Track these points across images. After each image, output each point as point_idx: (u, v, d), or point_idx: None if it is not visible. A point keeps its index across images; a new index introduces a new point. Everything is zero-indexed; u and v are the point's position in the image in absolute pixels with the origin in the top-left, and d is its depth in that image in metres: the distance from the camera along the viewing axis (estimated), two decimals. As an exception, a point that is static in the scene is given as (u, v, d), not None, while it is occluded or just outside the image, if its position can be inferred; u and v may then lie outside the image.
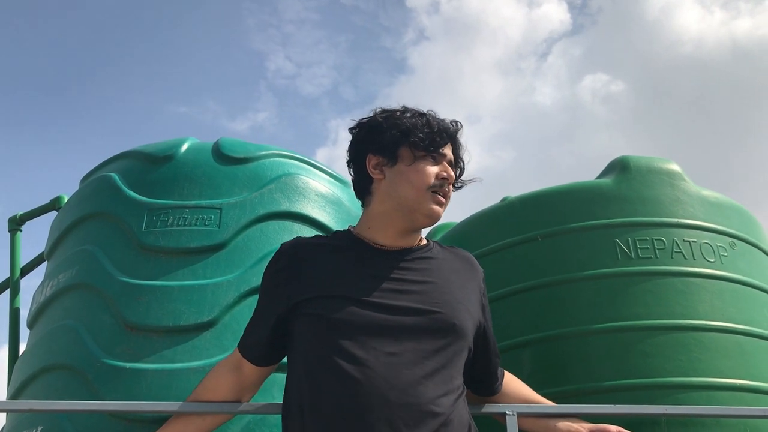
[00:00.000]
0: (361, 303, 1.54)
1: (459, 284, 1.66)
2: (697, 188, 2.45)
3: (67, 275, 2.38)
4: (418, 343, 1.52)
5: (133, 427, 1.96)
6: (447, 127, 1.71)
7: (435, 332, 1.54)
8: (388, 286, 1.58)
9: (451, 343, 1.56)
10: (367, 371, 1.46)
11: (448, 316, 1.56)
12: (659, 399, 1.99)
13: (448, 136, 1.70)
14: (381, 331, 1.51)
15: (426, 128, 1.66)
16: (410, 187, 1.64)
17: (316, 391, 1.50)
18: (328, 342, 1.52)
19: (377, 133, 1.68)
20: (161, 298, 2.17)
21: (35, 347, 2.35)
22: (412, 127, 1.66)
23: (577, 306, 2.23)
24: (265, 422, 2.00)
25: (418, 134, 1.65)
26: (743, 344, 2.14)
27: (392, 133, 1.67)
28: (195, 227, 2.32)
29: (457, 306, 1.60)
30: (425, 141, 1.65)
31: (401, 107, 1.72)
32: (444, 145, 1.68)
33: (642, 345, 2.10)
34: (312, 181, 2.57)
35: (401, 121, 1.67)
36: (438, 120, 1.71)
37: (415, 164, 1.65)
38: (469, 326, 1.61)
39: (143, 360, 2.08)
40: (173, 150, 2.54)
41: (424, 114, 1.71)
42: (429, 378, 1.49)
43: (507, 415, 1.79)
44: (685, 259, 2.26)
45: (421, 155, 1.65)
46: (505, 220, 2.53)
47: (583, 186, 2.46)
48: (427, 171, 1.65)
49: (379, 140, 1.68)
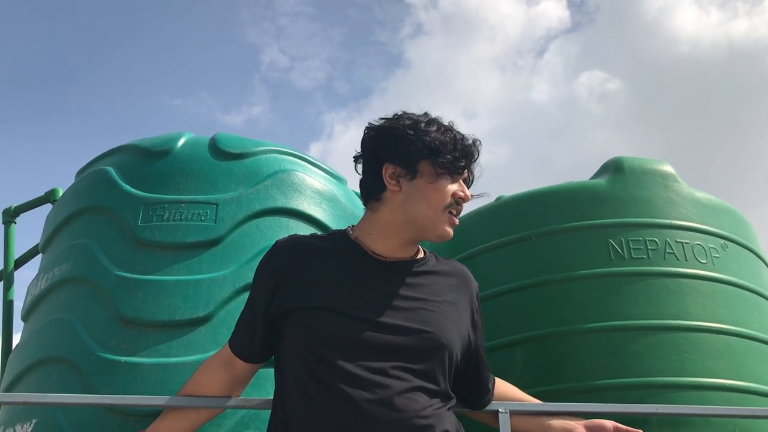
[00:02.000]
0: (353, 318, 1.54)
1: (451, 300, 1.66)
2: (690, 190, 2.47)
3: (63, 269, 2.38)
4: (405, 362, 1.52)
5: (127, 420, 1.97)
6: (470, 148, 1.68)
7: (423, 351, 1.55)
8: (381, 300, 1.57)
9: (440, 362, 1.57)
10: (354, 386, 1.47)
11: (437, 335, 1.56)
12: (650, 398, 2.01)
13: (471, 157, 1.68)
14: (370, 347, 1.52)
15: (452, 148, 1.63)
16: (428, 206, 1.62)
17: (304, 404, 1.51)
18: (316, 354, 1.52)
19: (401, 144, 1.62)
20: (157, 293, 2.18)
21: (30, 340, 2.35)
22: (440, 145, 1.62)
23: (570, 305, 2.24)
24: (259, 417, 2.01)
25: (445, 155, 1.62)
26: (733, 345, 2.16)
27: (417, 147, 1.61)
28: (191, 222, 2.32)
29: (447, 325, 1.60)
30: (451, 162, 1.62)
31: (424, 116, 1.68)
32: (467, 166, 1.67)
33: (633, 345, 2.12)
34: (308, 177, 2.58)
35: (428, 137, 1.62)
36: (463, 140, 1.67)
37: (436, 183, 1.62)
38: (457, 344, 1.61)
39: (138, 354, 2.08)
40: (170, 144, 2.54)
41: (451, 130, 1.67)
42: (415, 393, 1.50)
43: (500, 413, 1.81)
44: (677, 260, 2.28)
45: (441, 173, 1.62)
46: (499, 219, 2.54)
47: (577, 186, 2.48)
48: (446, 190, 1.63)
49: (403, 152, 1.62)
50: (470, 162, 1.68)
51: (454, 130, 1.67)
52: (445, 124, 1.68)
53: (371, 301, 1.57)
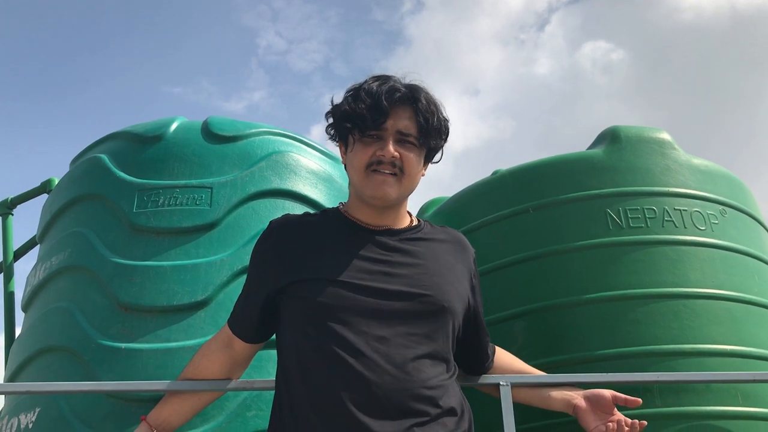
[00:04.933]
0: (351, 287, 1.53)
1: (449, 266, 1.66)
2: (687, 156, 2.45)
3: (60, 258, 2.38)
4: (408, 327, 1.52)
5: (129, 406, 1.98)
6: (380, 102, 1.57)
7: (425, 315, 1.55)
8: (378, 268, 1.57)
9: (441, 325, 1.57)
10: (358, 356, 1.47)
11: (438, 299, 1.56)
12: (651, 366, 2.01)
13: (382, 111, 1.57)
14: (371, 315, 1.51)
15: (357, 108, 1.58)
16: (353, 171, 1.63)
17: (307, 380, 1.50)
18: (318, 326, 1.52)
19: (333, 123, 1.67)
20: (154, 279, 2.18)
21: (31, 330, 2.35)
22: (350, 111, 1.59)
23: (569, 276, 2.24)
24: (261, 399, 2.02)
25: (352, 119, 1.58)
26: (733, 311, 2.16)
27: (336, 120, 1.64)
28: (186, 207, 2.31)
29: (447, 288, 1.60)
30: (358, 124, 1.58)
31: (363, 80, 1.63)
32: (380, 121, 1.57)
33: (633, 313, 2.12)
34: (302, 158, 2.56)
35: (342, 108, 1.61)
36: (372, 93, 1.58)
37: (355, 148, 1.61)
38: (458, 307, 1.62)
39: (138, 340, 2.09)
40: (162, 130, 2.53)
41: (359, 88, 1.61)
42: (420, 361, 1.50)
43: (501, 386, 1.81)
44: (675, 227, 2.27)
45: (358, 138, 1.60)
46: (496, 193, 2.53)
47: (573, 157, 2.46)
48: (365, 151, 1.59)
49: (334, 130, 1.67)
50: (381, 113, 1.56)
51: (362, 89, 1.60)
52: (363, 83, 1.62)
53: (369, 270, 1.56)
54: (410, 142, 1.60)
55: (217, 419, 1.98)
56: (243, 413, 2.00)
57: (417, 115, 1.60)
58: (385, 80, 1.61)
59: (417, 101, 1.60)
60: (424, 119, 1.60)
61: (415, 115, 1.60)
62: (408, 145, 1.60)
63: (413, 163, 1.61)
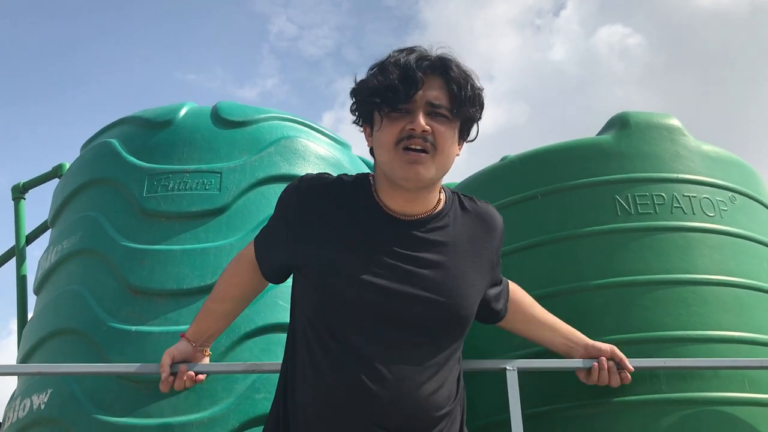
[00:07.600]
0: (367, 285, 1.48)
1: (472, 256, 1.60)
2: (697, 143, 2.44)
3: (71, 241, 2.40)
4: (423, 335, 1.50)
5: (139, 388, 2.00)
6: (411, 71, 1.46)
7: (441, 323, 1.52)
8: (398, 265, 1.51)
9: (456, 332, 1.56)
10: (369, 365, 1.45)
11: (455, 307, 1.53)
12: (658, 352, 2.01)
13: (414, 81, 1.46)
14: (385, 319, 1.48)
15: (387, 80, 1.46)
16: (383, 151, 1.51)
17: (310, 375, 1.49)
18: (332, 325, 1.49)
19: (356, 103, 1.56)
20: (164, 262, 2.19)
21: (42, 312, 2.38)
22: (378, 85, 1.47)
23: (577, 262, 2.23)
24: (270, 381, 2.03)
25: (381, 93, 1.47)
26: (742, 297, 2.15)
27: (364, 98, 1.52)
28: (195, 191, 2.33)
29: (468, 291, 1.57)
30: (389, 97, 1.46)
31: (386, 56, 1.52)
32: (412, 92, 1.46)
33: (641, 300, 2.11)
34: (312, 143, 2.57)
35: (370, 83, 1.50)
36: (400, 65, 1.47)
37: (383, 126, 1.49)
38: (475, 308, 1.61)
39: (149, 323, 2.11)
40: (172, 115, 2.54)
41: (385, 61, 1.50)
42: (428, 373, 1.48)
43: (507, 371, 1.82)
44: (684, 214, 2.26)
45: (387, 113, 1.48)
46: (504, 179, 2.52)
47: (582, 143, 2.45)
48: (393, 127, 1.47)
49: (358, 110, 1.57)
50: (410, 86, 1.46)
51: (387, 63, 1.49)
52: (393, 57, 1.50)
53: (387, 266, 1.50)
54: (442, 114, 1.49)
55: (227, 401, 2.00)
56: (252, 395, 2.02)
57: (449, 83, 1.49)
58: (411, 50, 1.51)
59: (448, 69, 1.49)
60: (457, 87, 1.49)
61: (447, 85, 1.49)
62: (440, 118, 1.48)
63: (446, 137, 1.49)
